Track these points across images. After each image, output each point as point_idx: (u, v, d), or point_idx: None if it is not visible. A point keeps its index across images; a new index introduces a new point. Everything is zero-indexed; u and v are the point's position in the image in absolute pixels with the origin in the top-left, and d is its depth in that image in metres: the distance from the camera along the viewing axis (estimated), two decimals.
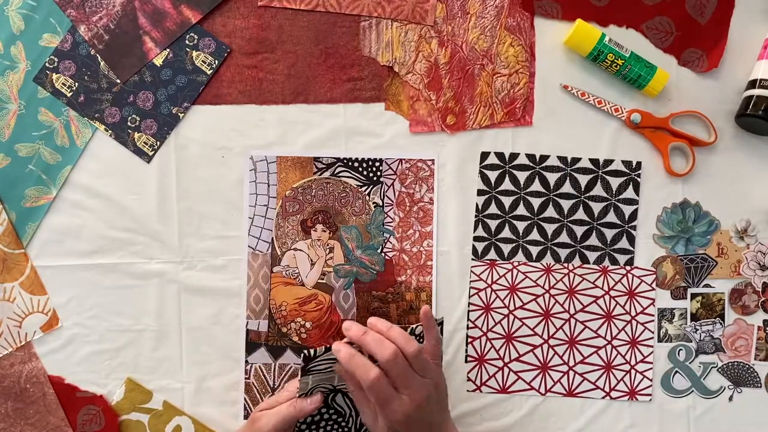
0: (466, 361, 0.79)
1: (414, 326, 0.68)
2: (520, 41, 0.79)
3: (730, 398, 0.79)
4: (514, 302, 0.79)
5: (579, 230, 0.79)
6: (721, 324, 0.79)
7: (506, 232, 0.79)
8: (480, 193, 0.79)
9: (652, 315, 0.79)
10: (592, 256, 0.79)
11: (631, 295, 0.79)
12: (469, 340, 0.79)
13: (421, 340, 0.68)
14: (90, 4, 0.77)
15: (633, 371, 0.79)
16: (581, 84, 0.79)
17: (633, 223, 0.79)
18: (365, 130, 0.79)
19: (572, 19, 0.78)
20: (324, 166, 0.79)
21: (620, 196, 0.79)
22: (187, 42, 0.78)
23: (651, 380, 0.79)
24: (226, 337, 0.78)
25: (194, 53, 0.78)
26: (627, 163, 0.79)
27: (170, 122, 0.78)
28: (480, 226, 0.79)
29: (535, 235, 0.79)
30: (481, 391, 0.79)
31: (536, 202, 0.79)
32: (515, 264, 0.79)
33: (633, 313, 0.79)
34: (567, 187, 0.79)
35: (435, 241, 0.79)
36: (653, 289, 0.79)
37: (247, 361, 0.78)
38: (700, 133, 0.79)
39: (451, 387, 0.78)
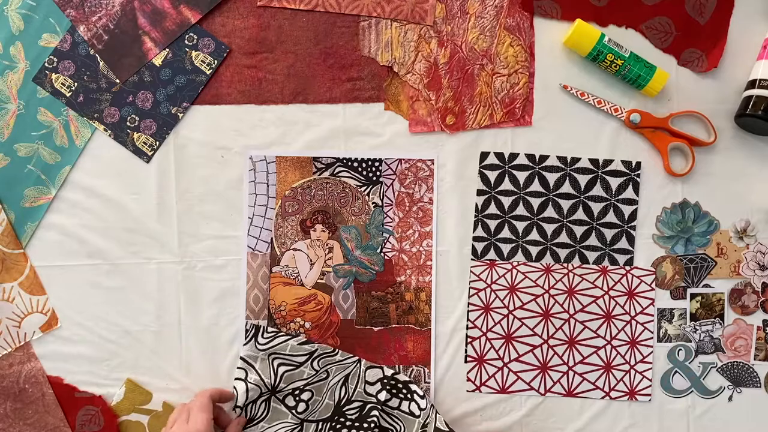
0: (466, 361, 0.79)
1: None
2: (520, 41, 0.79)
3: (730, 398, 0.79)
4: (513, 302, 0.79)
5: (578, 230, 0.79)
6: (720, 324, 0.79)
7: (506, 232, 0.79)
8: (479, 193, 0.79)
9: (652, 315, 0.79)
10: (591, 256, 0.79)
11: (630, 295, 0.79)
12: (469, 340, 0.79)
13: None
14: (89, 4, 0.77)
15: (632, 371, 0.79)
16: (581, 84, 0.79)
17: (632, 223, 0.79)
18: (365, 130, 0.79)
19: (572, 19, 0.78)
20: (323, 166, 0.79)
21: (620, 196, 0.79)
22: (186, 42, 0.78)
23: (650, 380, 0.79)
24: (225, 337, 0.78)
25: (193, 53, 0.78)
26: (626, 163, 0.79)
27: (169, 122, 0.78)
28: (479, 226, 0.79)
29: (534, 235, 0.79)
30: (480, 391, 0.79)
31: (536, 202, 0.79)
32: (515, 264, 0.79)
33: (632, 313, 0.79)
34: (566, 187, 0.79)
35: (434, 241, 0.79)
36: (653, 289, 0.79)
37: None
38: (699, 133, 0.79)
39: (450, 387, 0.78)
